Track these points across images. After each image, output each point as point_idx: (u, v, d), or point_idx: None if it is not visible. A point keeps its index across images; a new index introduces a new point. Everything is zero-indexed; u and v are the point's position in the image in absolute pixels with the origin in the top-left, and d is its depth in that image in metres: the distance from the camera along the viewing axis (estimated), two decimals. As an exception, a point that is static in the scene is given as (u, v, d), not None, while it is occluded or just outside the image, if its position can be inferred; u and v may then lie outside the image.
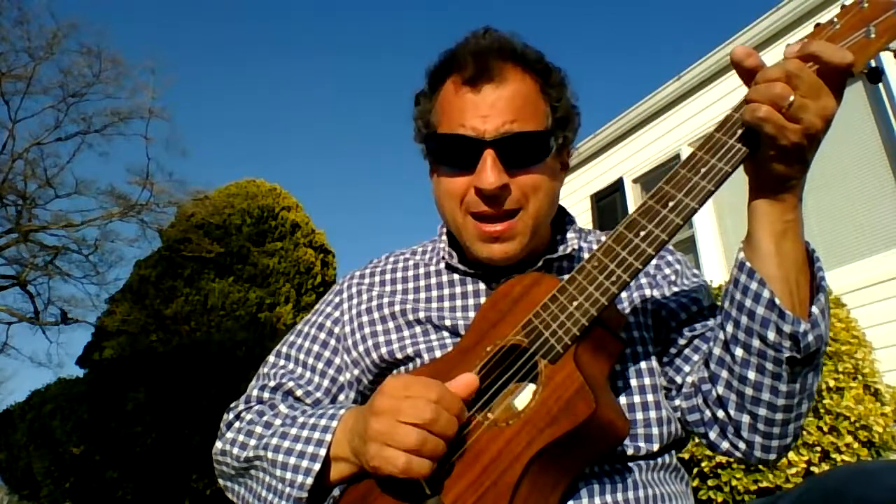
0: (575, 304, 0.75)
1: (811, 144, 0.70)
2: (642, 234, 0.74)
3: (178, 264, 10.81)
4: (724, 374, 0.81)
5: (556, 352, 0.74)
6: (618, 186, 6.50)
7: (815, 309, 0.74)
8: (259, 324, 10.06)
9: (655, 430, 0.85)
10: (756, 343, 0.76)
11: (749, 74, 0.73)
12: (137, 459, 5.98)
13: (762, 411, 0.78)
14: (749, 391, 0.78)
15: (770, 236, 0.74)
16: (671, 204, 0.74)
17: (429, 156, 0.97)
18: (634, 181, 6.41)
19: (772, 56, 5.10)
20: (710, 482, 2.99)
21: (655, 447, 0.84)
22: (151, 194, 12.52)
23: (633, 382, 0.87)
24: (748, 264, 0.75)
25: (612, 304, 0.76)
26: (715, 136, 0.75)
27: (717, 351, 0.82)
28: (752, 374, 0.77)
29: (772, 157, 0.71)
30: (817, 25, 0.78)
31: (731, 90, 5.41)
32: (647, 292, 0.94)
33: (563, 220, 1.03)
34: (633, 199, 6.36)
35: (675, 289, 0.95)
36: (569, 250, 0.96)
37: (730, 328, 0.79)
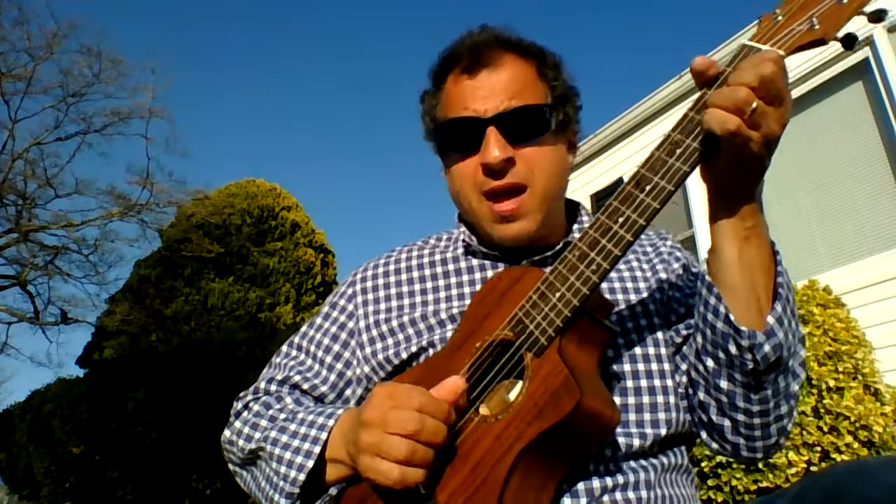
0: (557, 295, 0.75)
1: (769, 151, 0.70)
2: (621, 220, 0.74)
3: (178, 264, 10.81)
4: (702, 381, 0.82)
5: (540, 345, 0.74)
6: (618, 186, 6.48)
7: (770, 318, 0.74)
8: (259, 324, 10.06)
9: (662, 416, 0.84)
10: (722, 355, 0.77)
11: (708, 82, 0.73)
12: (137, 459, 5.98)
13: (740, 417, 0.79)
14: (724, 399, 0.79)
15: (733, 244, 0.75)
16: (648, 188, 0.73)
17: (438, 149, 0.99)
18: (634, 181, 6.40)
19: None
20: (710, 482, 2.99)
21: (663, 432, 0.84)
22: (151, 194, 12.51)
23: (641, 367, 0.87)
24: (707, 278, 0.77)
25: (595, 292, 0.75)
26: (689, 115, 0.73)
27: (693, 360, 0.84)
28: (724, 384, 0.78)
29: (731, 166, 0.71)
30: None
31: (731, 90, 5.40)
32: (663, 276, 0.95)
33: (577, 210, 1.05)
34: (633, 199, 6.35)
35: (680, 283, 0.96)
36: None
37: (699, 339, 0.80)
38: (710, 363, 0.79)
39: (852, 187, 4.59)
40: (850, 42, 0.72)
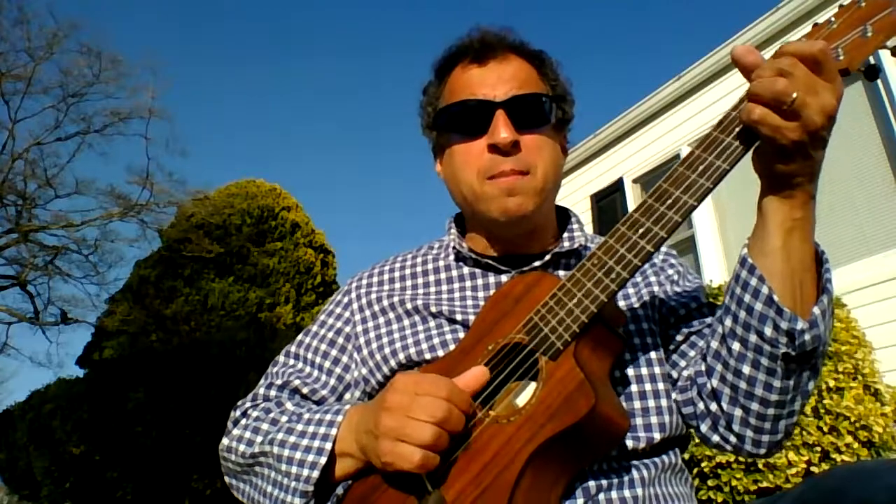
0: (574, 301, 0.76)
1: (814, 141, 0.70)
2: (641, 231, 0.75)
3: (178, 264, 10.81)
4: (720, 367, 0.81)
5: (556, 349, 0.75)
6: (618, 186, 6.50)
7: (816, 309, 0.73)
8: (259, 324, 10.05)
9: (654, 420, 0.85)
10: (753, 338, 0.76)
11: (750, 71, 0.74)
12: (137, 459, 5.98)
13: (754, 406, 0.79)
14: (743, 385, 0.78)
15: (777, 233, 0.74)
16: (669, 202, 0.74)
17: (439, 135, 1.02)
18: (634, 181, 6.41)
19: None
20: (710, 482, 2.99)
21: (657, 437, 0.84)
22: (151, 194, 12.53)
23: (636, 371, 0.88)
24: (750, 260, 0.76)
25: (611, 301, 0.77)
26: (713, 134, 0.75)
27: (714, 345, 0.83)
28: (746, 369, 0.77)
29: (773, 156, 0.72)
30: (815, 25, 0.79)
31: (731, 90, 5.41)
32: (655, 288, 0.97)
33: (568, 217, 1.07)
34: (633, 199, 6.36)
35: (677, 288, 0.98)
36: (576, 245, 0.99)
37: (728, 322, 0.79)
38: (735, 346, 0.78)
39: (852, 187, 4.59)
40: (871, 73, 0.76)
